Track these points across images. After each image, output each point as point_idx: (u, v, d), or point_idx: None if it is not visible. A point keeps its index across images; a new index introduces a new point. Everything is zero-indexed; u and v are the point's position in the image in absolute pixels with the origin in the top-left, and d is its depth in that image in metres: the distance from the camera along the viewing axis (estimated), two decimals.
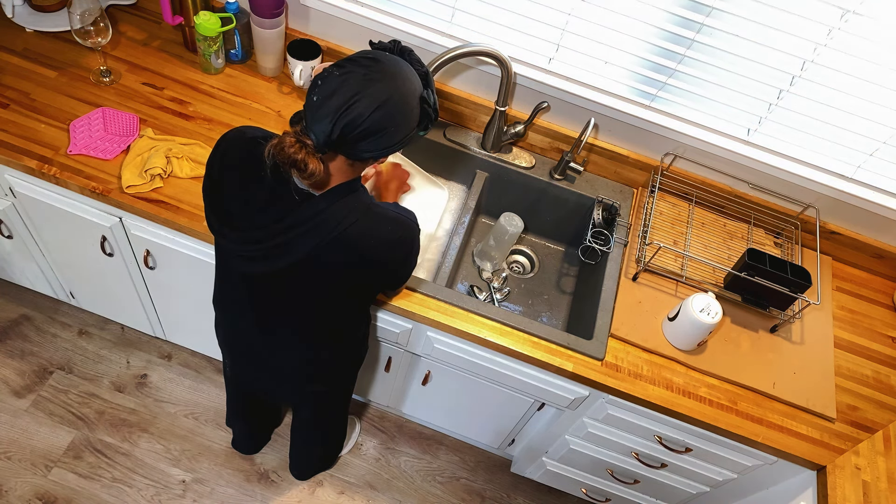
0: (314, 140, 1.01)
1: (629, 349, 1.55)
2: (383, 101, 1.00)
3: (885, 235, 1.76)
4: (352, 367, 1.54)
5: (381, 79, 1.00)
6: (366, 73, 1.00)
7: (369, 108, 0.99)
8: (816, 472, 1.49)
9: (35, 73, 1.67)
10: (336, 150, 1.05)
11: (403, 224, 1.17)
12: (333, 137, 1.00)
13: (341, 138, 1.01)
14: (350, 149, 1.04)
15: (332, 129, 0.99)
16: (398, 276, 1.27)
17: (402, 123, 1.04)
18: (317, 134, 1.01)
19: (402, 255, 1.19)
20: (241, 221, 1.14)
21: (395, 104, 1.02)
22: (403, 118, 1.04)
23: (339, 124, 0.99)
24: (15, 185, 1.62)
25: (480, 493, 2.21)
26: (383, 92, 1.00)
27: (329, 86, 1.00)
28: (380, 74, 1.00)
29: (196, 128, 1.66)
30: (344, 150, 1.04)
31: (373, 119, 1.00)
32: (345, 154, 1.06)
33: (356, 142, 1.02)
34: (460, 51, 1.53)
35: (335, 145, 1.02)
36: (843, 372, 1.61)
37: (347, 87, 0.99)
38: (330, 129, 1.00)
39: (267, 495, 2.07)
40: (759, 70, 1.53)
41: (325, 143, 1.01)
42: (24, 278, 2.10)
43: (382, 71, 1.01)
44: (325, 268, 1.14)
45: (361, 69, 1.00)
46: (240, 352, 1.46)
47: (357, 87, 0.99)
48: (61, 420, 2.09)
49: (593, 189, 1.82)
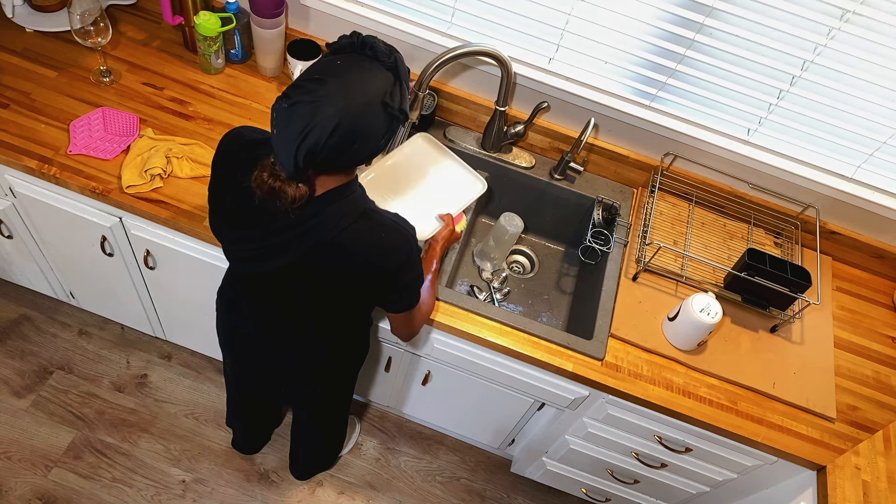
0: (286, 171, 1.01)
1: (629, 349, 1.55)
2: (335, 126, 0.96)
3: (885, 235, 1.76)
4: (352, 368, 1.54)
5: (328, 103, 0.95)
6: (311, 99, 0.95)
7: (323, 136, 0.96)
8: (816, 472, 1.49)
9: (35, 73, 1.67)
10: (315, 172, 1.04)
11: (398, 232, 1.15)
12: (301, 166, 0.99)
13: (309, 165, 1.00)
14: (326, 168, 1.03)
15: (296, 160, 0.98)
16: (397, 286, 1.21)
17: (366, 136, 1.01)
18: (285, 166, 1.01)
19: (397, 262, 1.16)
20: (239, 221, 1.15)
21: (350, 124, 0.97)
22: (366, 130, 1.00)
23: (300, 155, 0.98)
24: (15, 185, 1.62)
25: (480, 493, 2.21)
26: (334, 116, 0.95)
27: (281, 119, 0.98)
28: (326, 99, 0.95)
29: (196, 128, 1.66)
30: (321, 170, 1.04)
31: (330, 145, 0.97)
32: (325, 173, 1.05)
33: (326, 164, 1.01)
34: (460, 51, 1.52)
35: (307, 171, 1.01)
36: (843, 372, 1.61)
37: (297, 119, 0.96)
38: (293, 161, 0.99)
39: (267, 495, 2.07)
40: (759, 70, 1.53)
41: (294, 173, 1.01)
42: (24, 278, 2.10)
43: (328, 94, 0.96)
44: (321, 270, 1.14)
45: (307, 96, 0.96)
46: (240, 352, 1.46)
47: (306, 117, 0.95)
48: (61, 420, 2.09)
49: (593, 189, 1.82)
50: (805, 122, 1.60)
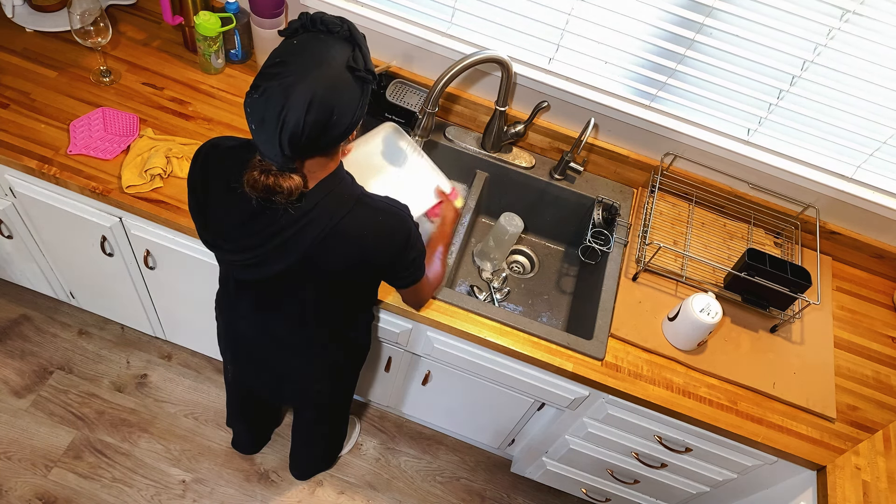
0: (275, 163, 1.01)
1: (629, 349, 1.55)
2: (311, 99, 0.95)
3: (885, 235, 1.76)
4: (353, 366, 1.54)
5: (296, 80, 0.95)
6: (279, 82, 0.95)
7: (302, 113, 0.96)
8: (816, 472, 1.49)
9: (35, 73, 1.67)
10: (302, 158, 1.04)
11: (395, 215, 1.16)
12: (287, 153, 0.99)
13: (294, 150, 1.00)
14: (310, 152, 1.03)
15: (281, 147, 0.98)
16: (400, 267, 1.22)
17: (343, 105, 1.00)
18: (272, 158, 1.01)
19: (399, 244, 1.17)
20: (233, 232, 1.14)
21: (324, 93, 0.97)
22: (340, 99, 1.00)
23: (283, 141, 0.97)
24: (15, 185, 1.62)
25: (480, 493, 2.21)
26: (306, 91, 0.95)
27: (256, 111, 0.98)
28: (293, 76, 0.95)
29: (196, 128, 1.66)
30: (307, 154, 1.04)
31: (311, 120, 0.97)
32: (312, 156, 1.05)
33: (310, 145, 1.01)
34: (464, 63, 1.51)
35: (294, 158, 1.01)
36: (843, 372, 1.61)
37: (271, 105, 0.96)
38: (279, 149, 0.99)
39: (267, 495, 2.07)
40: (759, 70, 1.53)
41: (283, 162, 1.01)
42: (24, 278, 2.10)
43: (293, 71, 0.96)
44: (323, 264, 1.14)
45: (274, 81, 0.96)
46: (240, 353, 1.46)
47: (280, 100, 0.95)
48: (61, 420, 2.09)
49: (593, 189, 1.82)
50: (805, 122, 1.60)
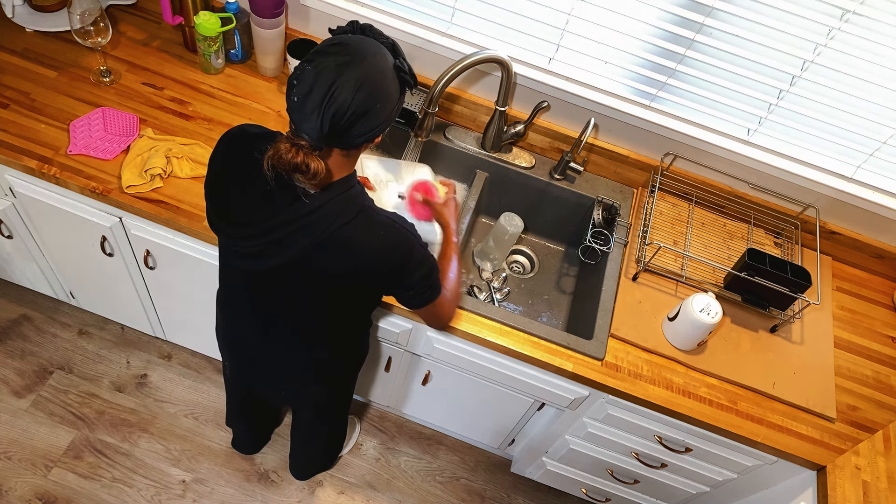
0: (308, 139, 1.01)
1: (629, 349, 1.55)
2: (362, 81, 1.00)
3: (885, 235, 1.76)
4: (352, 368, 1.54)
5: (352, 61, 1.00)
6: (336, 59, 1.00)
7: (351, 92, 0.99)
8: (816, 472, 1.49)
9: (35, 73, 1.67)
10: (331, 144, 1.04)
11: (397, 231, 1.15)
12: (325, 131, 1.00)
13: (333, 129, 1.00)
14: (344, 138, 1.03)
15: (322, 123, 0.99)
16: (405, 284, 1.21)
17: (385, 97, 1.04)
18: (308, 132, 1.01)
19: (397, 262, 1.16)
20: (239, 217, 1.14)
21: (374, 80, 1.01)
22: (385, 91, 1.04)
23: (326, 116, 0.99)
24: (15, 185, 1.62)
25: (480, 493, 2.21)
26: (359, 72, 1.00)
27: (306, 82, 1.00)
28: (350, 57, 1.00)
29: (196, 128, 1.66)
30: (338, 141, 1.04)
31: (357, 100, 0.99)
32: (340, 145, 1.05)
33: (348, 129, 1.02)
34: (464, 63, 1.51)
35: (329, 139, 1.02)
36: (843, 372, 1.61)
37: (324, 78, 0.99)
38: (320, 124, 0.99)
39: (267, 495, 2.07)
40: (759, 70, 1.53)
41: (318, 139, 1.01)
42: (24, 278, 2.10)
43: (351, 53, 1.00)
44: (319, 267, 1.14)
45: (331, 57, 1.00)
46: (240, 352, 1.46)
47: (333, 75, 0.99)
48: (61, 420, 2.09)
49: (593, 189, 1.82)
50: (805, 122, 1.60)
